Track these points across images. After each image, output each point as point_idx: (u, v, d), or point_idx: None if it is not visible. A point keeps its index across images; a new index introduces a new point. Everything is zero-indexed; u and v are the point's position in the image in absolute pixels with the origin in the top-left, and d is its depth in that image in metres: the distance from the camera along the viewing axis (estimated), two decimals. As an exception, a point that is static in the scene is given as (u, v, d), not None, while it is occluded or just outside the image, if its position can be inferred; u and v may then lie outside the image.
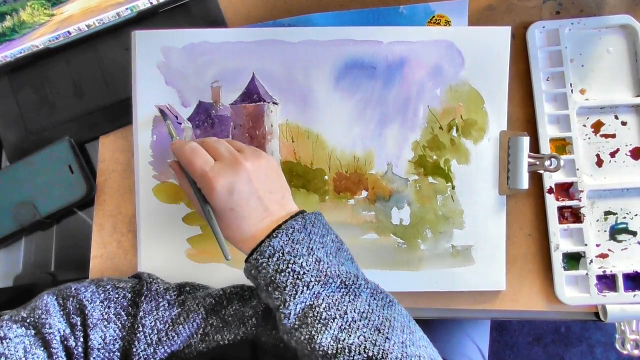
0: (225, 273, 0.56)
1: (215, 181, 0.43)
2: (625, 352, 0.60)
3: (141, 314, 0.46)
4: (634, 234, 0.57)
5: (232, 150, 0.46)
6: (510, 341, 1.31)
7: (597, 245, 0.57)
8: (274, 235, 0.42)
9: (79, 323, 0.44)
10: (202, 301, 0.48)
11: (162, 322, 0.46)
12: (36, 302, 0.45)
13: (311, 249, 0.42)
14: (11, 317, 0.43)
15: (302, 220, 0.43)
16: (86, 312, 0.45)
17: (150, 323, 0.46)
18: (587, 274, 0.56)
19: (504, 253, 0.56)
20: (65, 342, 0.43)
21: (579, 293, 0.56)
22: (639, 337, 0.59)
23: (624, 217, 0.57)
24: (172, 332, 0.46)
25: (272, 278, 0.41)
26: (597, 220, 0.57)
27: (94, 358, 0.44)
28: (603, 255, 0.57)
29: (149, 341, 0.45)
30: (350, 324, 0.39)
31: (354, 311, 0.40)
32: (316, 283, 0.41)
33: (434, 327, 0.73)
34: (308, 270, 0.41)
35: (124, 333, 0.46)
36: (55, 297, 0.45)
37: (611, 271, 0.56)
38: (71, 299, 0.45)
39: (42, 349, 0.42)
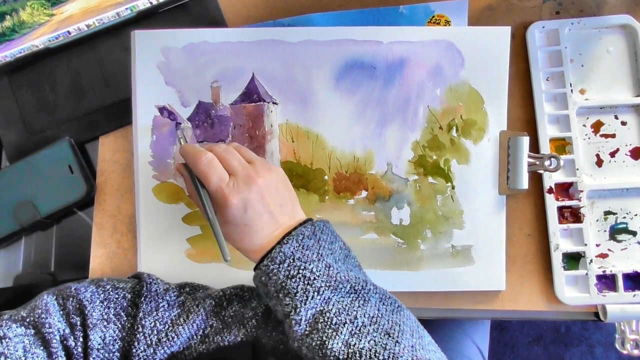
0: (225, 273, 0.56)
1: (231, 198, 0.44)
2: (625, 352, 0.60)
3: (141, 314, 0.46)
4: (634, 234, 0.57)
5: (244, 164, 0.46)
6: (510, 341, 1.31)
7: (597, 245, 0.57)
8: (285, 242, 0.43)
9: (78, 323, 0.44)
10: (202, 302, 0.48)
11: (161, 323, 0.46)
12: (36, 302, 0.45)
13: (321, 255, 0.43)
14: (11, 317, 0.43)
15: (311, 227, 0.44)
16: (86, 312, 0.45)
17: (150, 324, 0.46)
18: (587, 274, 0.56)
19: (504, 253, 0.56)
20: (64, 342, 0.43)
21: (579, 293, 0.56)
22: (639, 337, 0.59)
23: (624, 217, 0.57)
24: (172, 333, 0.46)
25: (283, 284, 0.42)
26: (597, 220, 0.57)
27: (93, 358, 0.44)
28: (603, 255, 0.57)
29: (149, 342, 0.45)
30: (360, 329, 0.40)
31: (364, 316, 0.41)
32: (326, 288, 0.41)
33: (434, 327, 0.73)
34: (318, 276, 0.41)
35: (124, 334, 0.46)
36: (55, 297, 0.45)
37: (611, 271, 0.56)
38: (71, 299, 0.45)
39: (42, 348, 0.42)
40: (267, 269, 0.42)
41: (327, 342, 0.39)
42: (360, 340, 0.39)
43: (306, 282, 0.41)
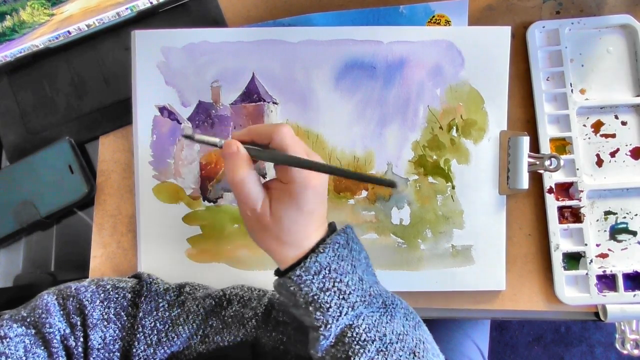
0: (225, 273, 0.56)
1: (312, 178, 0.39)
2: (625, 352, 0.60)
3: (141, 314, 0.46)
4: (634, 233, 0.57)
5: (309, 151, 0.41)
6: (510, 341, 1.31)
7: (597, 245, 0.57)
8: (320, 250, 0.39)
9: (79, 323, 0.44)
10: (202, 302, 0.48)
11: (162, 322, 0.46)
12: (36, 302, 0.45)
13: (354, 267, 0.40)
14: (11, 317, 0.43)
15: (344, 235, 0.41)
16: (86, 312, 0.45)
17: (150, 324, 0.46)
18: (587, 273, 0.56)
19: (504, 253, 0.56)
20: (65, 342, 0.43)
21: (579, 293, 0.56)
22: (639, 337, 0.59)
23: (624, 217, 0.57)
24: (172, 333, 0.46)
25: (315, 297, 0.38)
26: (597, 220, 0.57)
27: (93, 358, 0.44)
28: (603, 255, 0.57)
29: (149, 342, 0.45)
30: (387, 347, 0.38)
31: (392, 333, 0.39)
32: (361, 303, 0.39)
33: (434, 327, 0.73)
34: (354, 290, 0.39)
35: (124, 333, 0.46)
36: (55, 297, 0.45)
37: (611, 271, 0.56)
38: (71, 298, 0.45)
39: (42, 348, 0.42)
40: (300, 279, 0.38)
41: (352, 358, 0.37)
42: (387, 359, 0.38)
43: (341, 297, 0.38)
